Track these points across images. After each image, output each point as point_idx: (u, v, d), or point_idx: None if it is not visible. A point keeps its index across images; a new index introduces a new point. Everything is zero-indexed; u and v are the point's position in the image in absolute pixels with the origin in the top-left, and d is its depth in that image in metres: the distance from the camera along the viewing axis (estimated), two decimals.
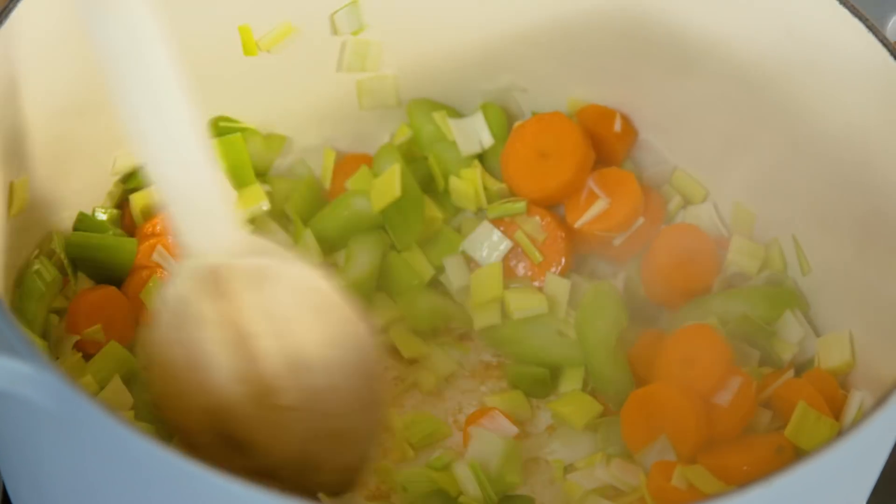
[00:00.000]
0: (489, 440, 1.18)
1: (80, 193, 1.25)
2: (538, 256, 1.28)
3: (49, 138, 1.18)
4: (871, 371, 1.18)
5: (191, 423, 1.08)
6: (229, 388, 1.06)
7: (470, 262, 1.29)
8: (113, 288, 1.21)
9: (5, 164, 1.13)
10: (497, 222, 1.29)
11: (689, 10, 1.25)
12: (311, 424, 1.09)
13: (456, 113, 1.35)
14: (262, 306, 1.05)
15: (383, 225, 1.29)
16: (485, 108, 1.33)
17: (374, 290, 1.28)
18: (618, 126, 1.31)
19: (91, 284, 1.21)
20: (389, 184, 1.27)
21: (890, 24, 1.20)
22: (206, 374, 1.05)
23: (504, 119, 1.33)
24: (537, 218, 1.29)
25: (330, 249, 1.30)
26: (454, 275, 1.27)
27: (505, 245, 1.28)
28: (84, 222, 1.24)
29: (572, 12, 1.29)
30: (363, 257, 1.27)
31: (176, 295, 1.05)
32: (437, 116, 1.31)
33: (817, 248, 1.26)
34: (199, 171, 1.03)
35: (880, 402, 0.96)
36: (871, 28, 1.16)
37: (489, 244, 1.28)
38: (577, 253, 1.31)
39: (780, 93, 1.23)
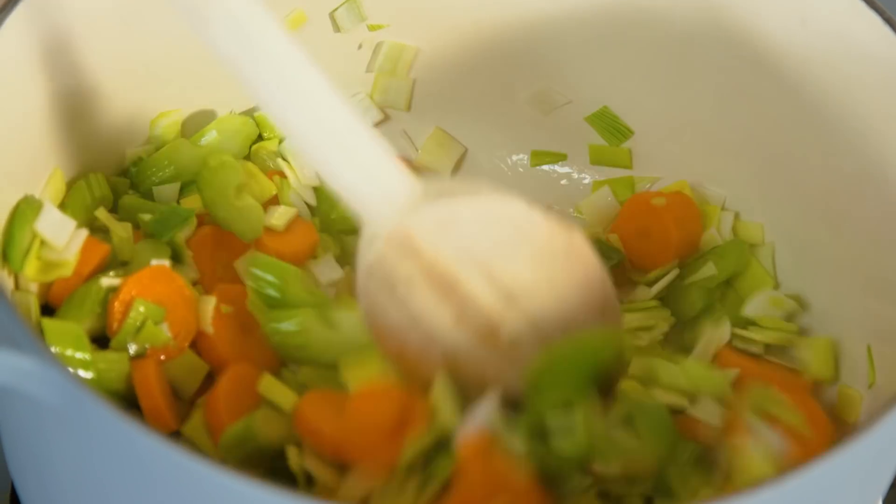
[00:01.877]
0: None
1: None
2: None
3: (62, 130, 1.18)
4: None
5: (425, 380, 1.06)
6: (453, 336, 1.05)
7: None
8: None
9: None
10: None
11: (702, 4, 1.24)
12: (541, 345, 1.08)
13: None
14: (458, 248, 1.05)
15: None
16: None
17: None
18: None
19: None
20: None
21: None
22: (427, 329, 1.05)
23: None
24: None
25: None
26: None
27: None
28: None
29: (587, 7, 1.29)
30: None
31: (374, 264, 1.05)
32: None
33: (825, 244, 1.24)
34: (355, 136, 1.04)
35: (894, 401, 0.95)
36: (888, 20, 1.15)
37: None
38: None
39: (795, 86, 1.22)
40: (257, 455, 1.08)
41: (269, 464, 1.09)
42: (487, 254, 1.06)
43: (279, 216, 1.22)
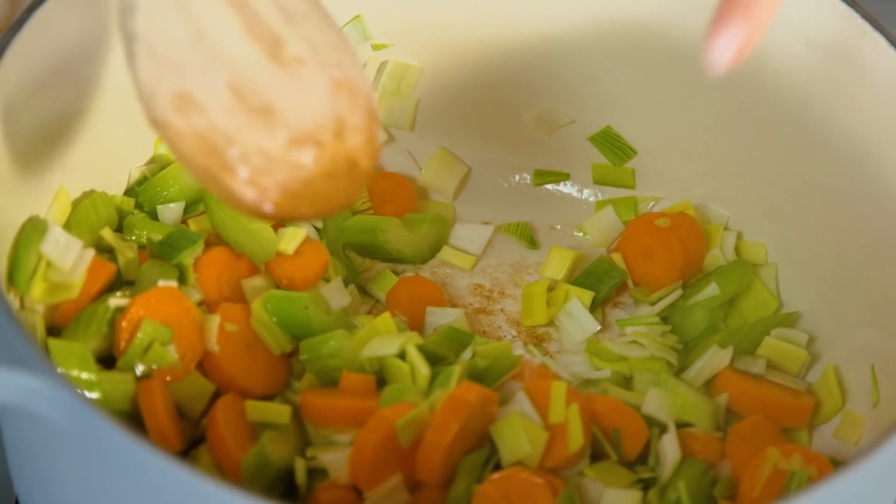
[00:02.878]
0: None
1: None
2: None
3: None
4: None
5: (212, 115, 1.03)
6: (240, 49, 1.03)
7: None
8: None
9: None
10: None
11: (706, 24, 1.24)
12: (325, 74, 1.07)
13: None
14: None
15: None
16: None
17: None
18: None
19: None
20: None
21: None
22: (213, 44, 1.02)
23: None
24: None
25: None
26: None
27: None
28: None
29: (591, 28, 1.29)
30: None
31: None
32: None
33: (828, 264, 1.25)
34: None
35: None
36: (893, 42, 1.15)
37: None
38: None
39: (799, 106, 1.22)
40: (275, 481, 1.09)
41: (284, 488, 1.10)
42: None
43: (288, 239, 1.22)
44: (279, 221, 1.03)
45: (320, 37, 1.08)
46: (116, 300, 1.12)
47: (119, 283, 1.16)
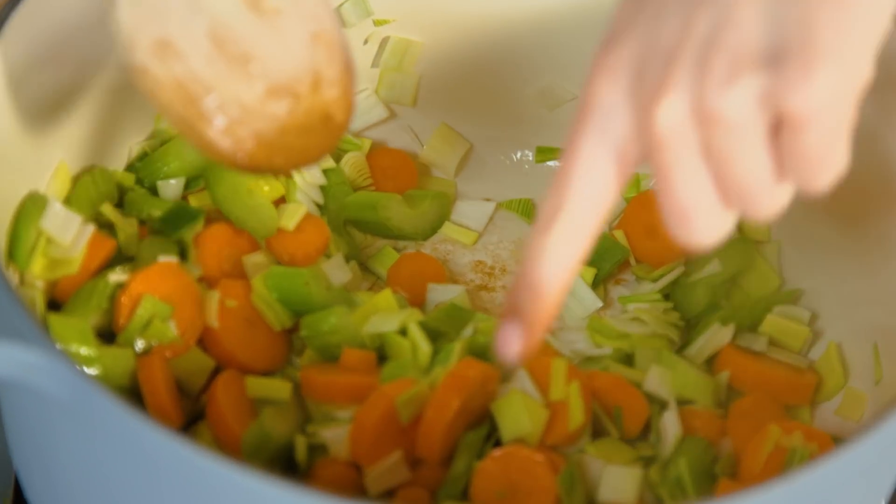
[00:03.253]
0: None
1: None
2: None
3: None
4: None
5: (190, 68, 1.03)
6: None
7: None
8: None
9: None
10: None
11: None
12: (303, 26, 1.07)
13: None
14: None
15: None
16: None
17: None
18: None
19: None
20: None
21: None
22: None
23: None
24: None
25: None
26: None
27: None
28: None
29: (593, 2, 1.29)
30: None
31: None
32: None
33: (831, 241, 1.25)
34: None
35: None
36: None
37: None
38: None
39: None
40: (275, 457, 1.09)
41: (284, 465, 1.10)
42: None
43: (289, 215, 1.22)
44: (253, 172, 1.04)
45: None
46: (116, 276, 1.12)
47: (119, 258, 1.16)
